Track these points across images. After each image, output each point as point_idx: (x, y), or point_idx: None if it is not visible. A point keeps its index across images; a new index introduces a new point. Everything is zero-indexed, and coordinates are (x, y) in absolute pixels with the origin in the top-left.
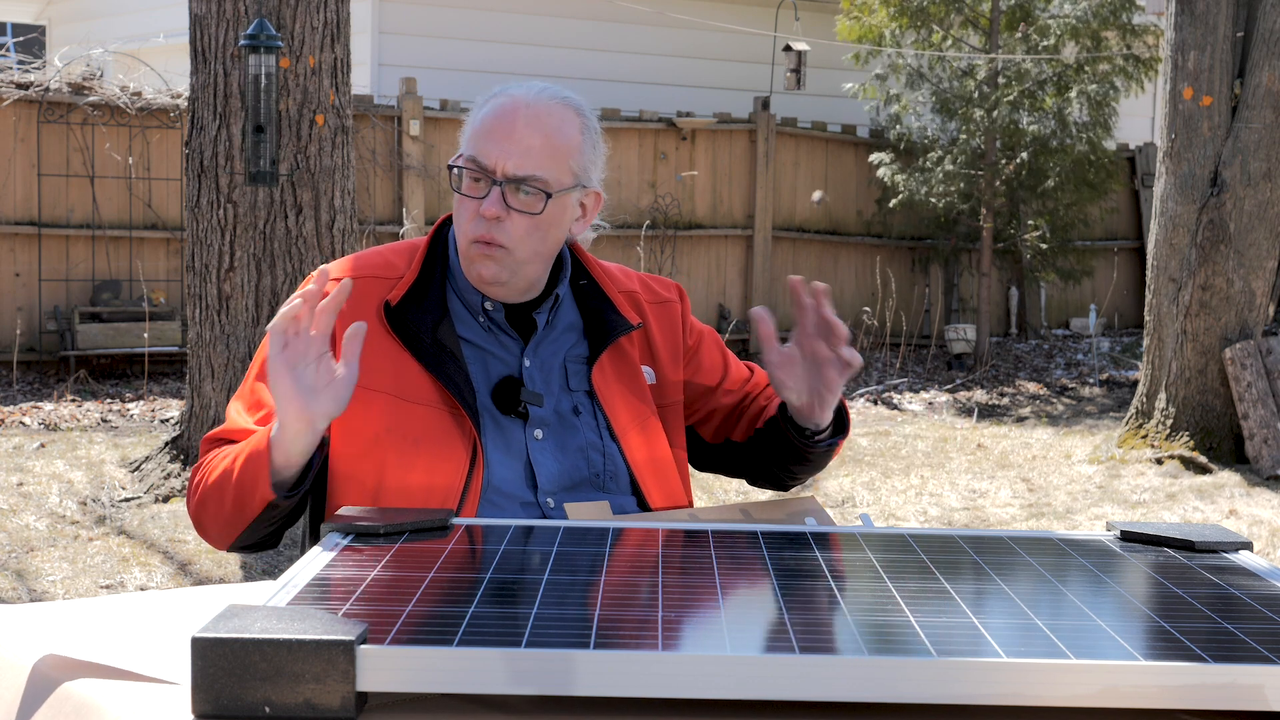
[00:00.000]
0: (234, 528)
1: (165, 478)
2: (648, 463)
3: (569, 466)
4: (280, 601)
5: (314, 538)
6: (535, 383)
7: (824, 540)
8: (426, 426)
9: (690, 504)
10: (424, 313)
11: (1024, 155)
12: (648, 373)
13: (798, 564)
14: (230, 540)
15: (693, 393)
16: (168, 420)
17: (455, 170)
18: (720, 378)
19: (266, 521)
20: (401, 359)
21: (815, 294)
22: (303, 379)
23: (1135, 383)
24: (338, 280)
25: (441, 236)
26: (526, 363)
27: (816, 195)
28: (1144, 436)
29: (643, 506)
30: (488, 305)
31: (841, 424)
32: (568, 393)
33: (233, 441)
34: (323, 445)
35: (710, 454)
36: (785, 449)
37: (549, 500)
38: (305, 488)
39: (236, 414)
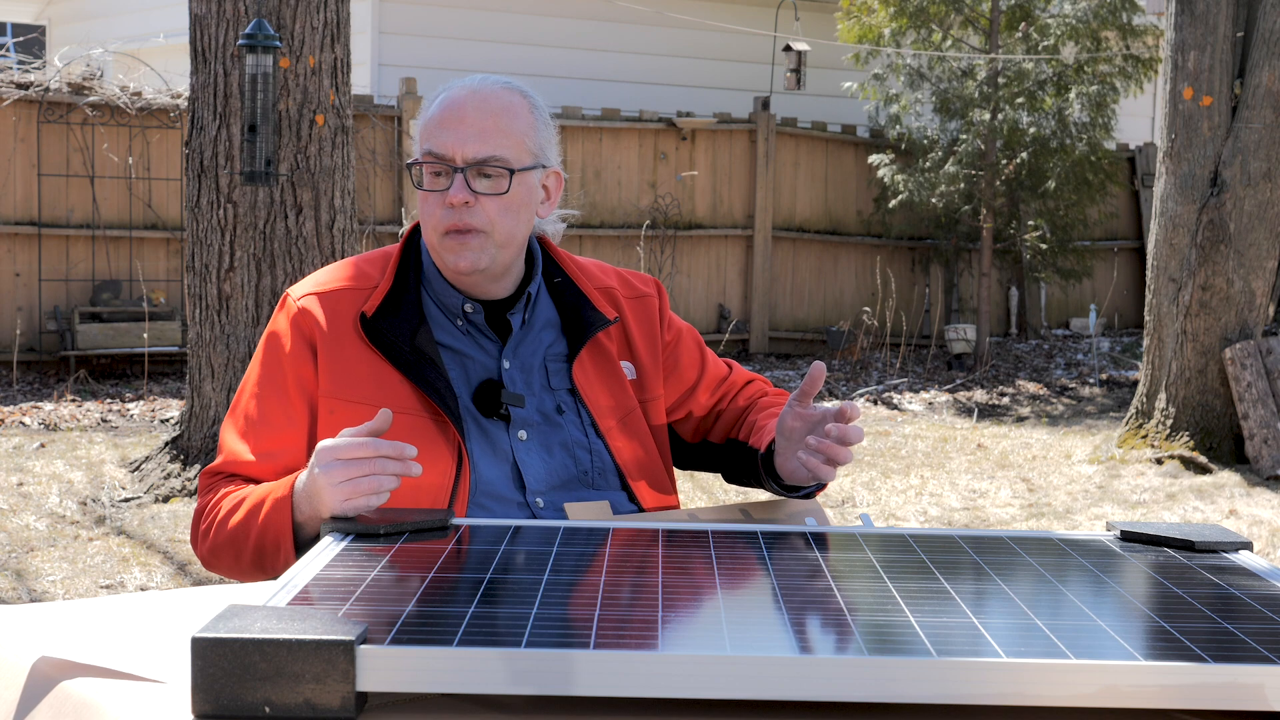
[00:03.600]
0: (252, 576)
1: (165, 478)
2: (634, 458)
3: (556, 465)
4: (280, 601)
5: None
6: (516, 384)
7: (824, 540)
8: (410, 435)
9: (675, 497)
10: (400, 321)
11: (1024, 155)
12: (627, 368)
13: (798, 564)
14: (246, 580)
15: (671, 389)
16: (168, 420)
17: (415, 168)
18: (698, 376)
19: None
20: (381, 369)
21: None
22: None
23: (1135, 383)
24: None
25: (414, 242)
26: (506, 364)
27: None
28: (1144, 436)
29: (633, 501)
30: (468, 308)
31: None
32: (549, 391)
33: (234, 476)
34: None
35: (689, 453)
36: (759, 479)
37: (538, 500)
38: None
39: (234, 442)
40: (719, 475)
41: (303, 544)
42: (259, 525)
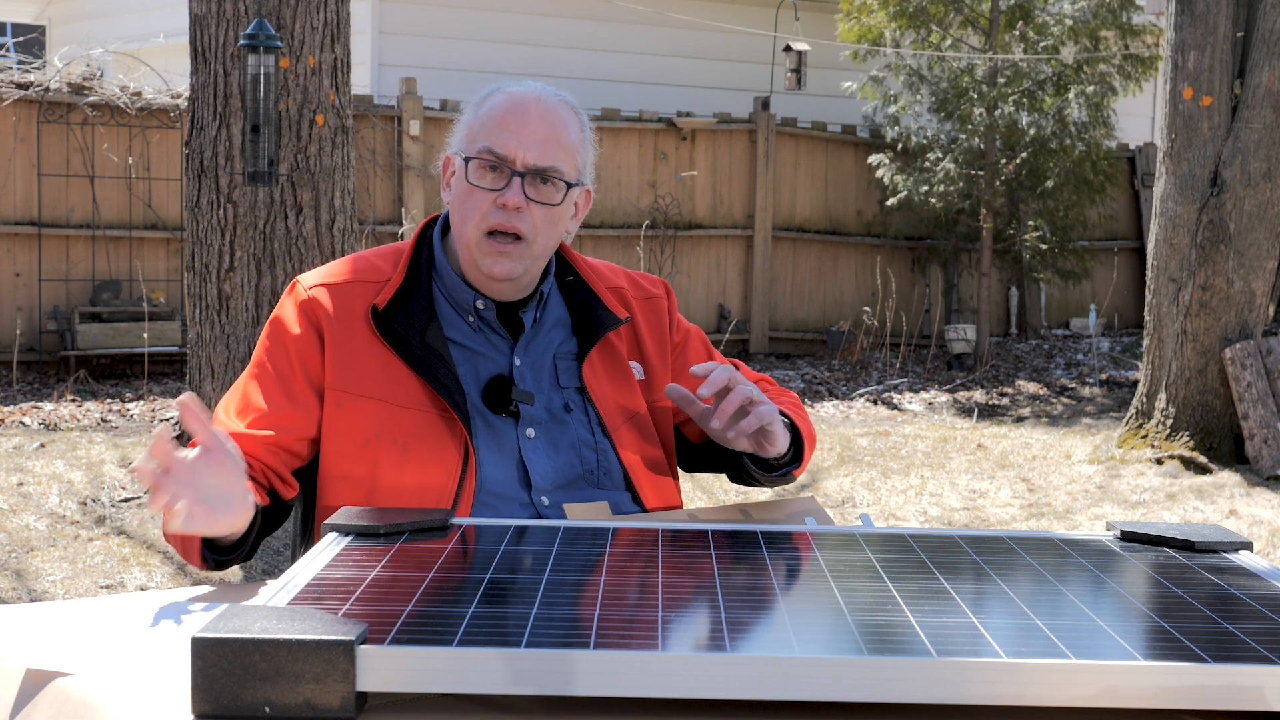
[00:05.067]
0: (194, 563)
1: None
2: (640, 458)
3: (562, 464)
4: (280, 601)
5: (305, 537)
6: (526, 381)
7: (824, 540)
8: (417, 430)
9: (680, 500)
10: (411, 316)
11: (1023, 155)
12: (636, 368)
13: (798, 564)
14: (198, 567)
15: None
16: (168, 420)
17: (466, 161)
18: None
19: (233, 561)
20: (390, 363)
21: (697, 397)
22: (207, 497)
23: (1135, 383)
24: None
25: (426, 238)
26: (517, 361)
27: None
28: (1144, 436)
29: (637, 502)
30: (479, 304)
31: (799, 449)
32: (558, 390)
33: None
34: (259, 511)
35: (695, 453)
36: (750, 476)
37: (543, 499)
38: (245, 549)
39: (225, 414)
40: (720, 475)
41: (219, 548)
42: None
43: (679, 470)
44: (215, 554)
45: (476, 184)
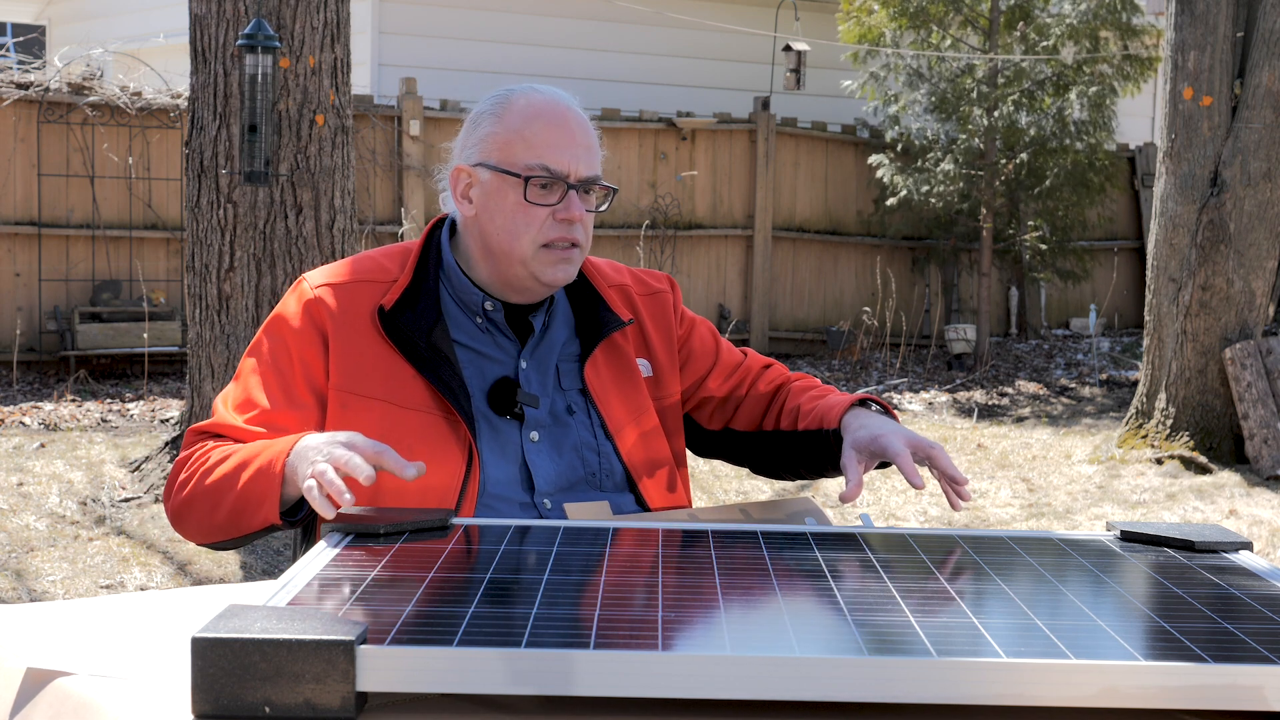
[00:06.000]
0: (222, 534)
1: (165, 478)
2: (643, 460)
3: (565, 467)
4: (280, 601)
5: (305, 537)
6: (532, 384)
7: (824, 540)
8: (421, 432)
9: (689, 501)
10: (418, 317)
11: (1023, 155)
12: (644, 365)
13: (798, 564)
14: (211, 542)
15: (686, 379)
16: (168, 420)
17: (525, 180)
18: (712, 362)
19: (260, 536)
20: (396, 364)
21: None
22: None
23: (1135, 383)
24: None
25: (434, 239)
26: (523, 364)
27: None
28: (1144, 436)
29: (640, 504)
30: (488, 306)
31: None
32: (561, 392)
33: (219, 436)
34: None
35: (710, 440)
36: (814, 463)
37: (546, 501)
38: (306, 510)
39: (224, 408)
40: (719, 476)
41: (287, 512)
42: (247, 478)
43: (693, 458)
44: (289, 516)
45: (536, 202)
